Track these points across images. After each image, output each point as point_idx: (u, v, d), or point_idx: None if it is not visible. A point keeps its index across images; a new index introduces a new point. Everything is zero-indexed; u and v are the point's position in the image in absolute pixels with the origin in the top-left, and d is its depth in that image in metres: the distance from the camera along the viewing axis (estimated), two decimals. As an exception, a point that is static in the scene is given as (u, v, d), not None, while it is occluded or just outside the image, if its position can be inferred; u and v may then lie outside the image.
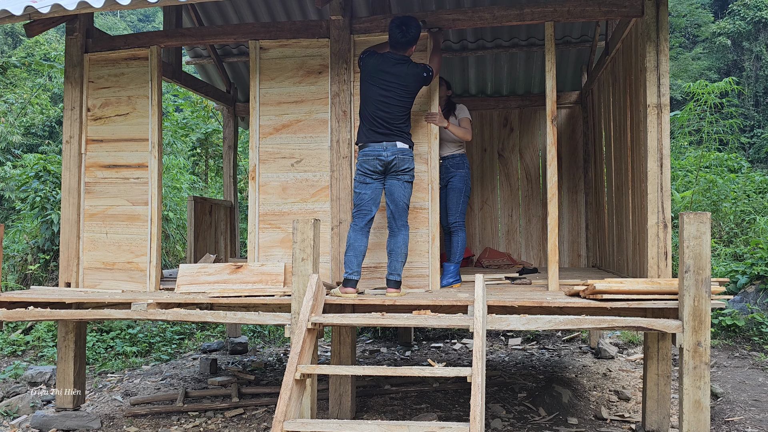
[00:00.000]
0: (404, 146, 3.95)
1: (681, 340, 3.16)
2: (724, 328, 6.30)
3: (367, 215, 3.96)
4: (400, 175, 3.96)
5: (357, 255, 3.91)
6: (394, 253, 3.95)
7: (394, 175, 3.96)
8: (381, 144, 3.92)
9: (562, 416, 4.50)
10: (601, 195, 6.01)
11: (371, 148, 3.93)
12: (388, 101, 3.93)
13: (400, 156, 3.92)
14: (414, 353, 6.87)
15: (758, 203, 9.02)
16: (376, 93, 3.94)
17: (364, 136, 3.99)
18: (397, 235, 3.98)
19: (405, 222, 4.00)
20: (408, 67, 3.97)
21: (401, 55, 4.01)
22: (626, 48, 4.59)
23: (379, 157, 3.90)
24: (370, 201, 3.96)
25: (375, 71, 3.95)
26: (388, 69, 3.94)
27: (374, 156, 3.91)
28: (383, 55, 4.00)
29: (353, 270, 3.89)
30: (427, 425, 2.81)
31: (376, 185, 3.97)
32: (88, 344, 6.44)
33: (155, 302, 3.88)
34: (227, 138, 7.18)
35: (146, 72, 4.63)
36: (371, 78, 3.96)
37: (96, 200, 4.69)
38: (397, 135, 3.95)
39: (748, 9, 18.88)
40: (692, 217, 3.15)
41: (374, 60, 3.98)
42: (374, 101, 3.94)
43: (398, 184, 3.97)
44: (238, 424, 4.53)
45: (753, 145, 16.89)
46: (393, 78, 3.93)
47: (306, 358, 3.26)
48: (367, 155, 3.94)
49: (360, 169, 3.98)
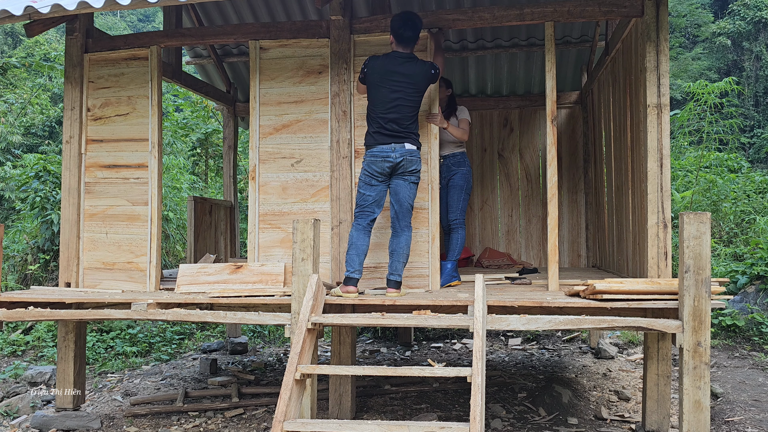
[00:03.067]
0: (412, 147, 3.93)
1: (681, 340, 3.16)
2: (724, 328, 6.30)
3: (370, 216, 3.95)
4: (407, 176, 3.94)
5: (359, 254, 3.89)
6: (396, 253, 3.94)
7: (400, 176, 3.94)
8: (390, 146, 3.89)
9: (562, 416, 4.50)
10: (601, 195, 6.01)
11: (379, 149, 3.90)
12: (398, 102, 3.89)
13: (408, 158, 3.90)
14: (414, 353, 6.86)
15: (758, 203, 9.02)
16: (385, 95, 3.89)
17: (372, 138, 3.95)
18: (400, 235, 3.97)
19: (408, 223, 4.00)
20: (416, 64, 3.94)
21: (408, 53, 3.97)
22: (626, 48, 4.59)
23: (387, 159, 3.88)
24: (374, 203, 3.94)
25: (383, 72, 3.90)
26: (396, 68, 3.90)
27: (382, 158, 3.88)
28: (389, 56, 3.96)
29: (355, 269, 3.87)
30: (427, 425, 2.81)
31: (382, 187, 3.96)
32: (88, 344, 6.44)
33: (155, 302, 3.88)
34: (227, 138, 7.19)
35: (146, 72, 4.63)
36: (380, 80, 3.90)
37: (96, 200, 4.70)
38: (406, 136, 3.93)
39: (748, 9, 18.88)
40: (692, 217, 3.15)
41: (380, 62, 3.93)
42: (383, 103, 3.90)
43: (404, 185, 3.95)
44: (238, 424, 4.53)
45: (753, 145, 16.89)
46: (402, 78, 3.89)
47: (306, 358, 3.26)
48: (375, 156, 3.91)
49: (367, 169, 3.94)
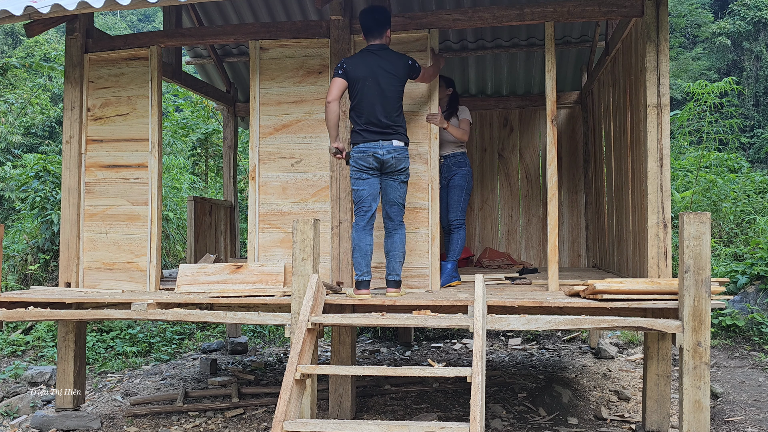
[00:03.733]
0: (400, 144, 3.91)
1: (681, 340, 3.16)
2: (724, 328, 6.30)
3: (368, 212, 3.92)
4: (396, 175, 3.92)
5: (364, 255, 3.88)
6: (392, 253, 3.94)
7: (390, 176, 3.93)
8: (377, 143, 3.86)
9: (562, 416, 4.50)
10: (601, 195, 6.01)
11: (366, 145, 3.88)
12: (380, 93, 3.86)
13: (396, 155, 3.88)
14: (414, 353, 6.86)
15: (758, 203, 9.02)
16: (367, 89, 3.86)
17: (359, 136, 3.91)
18: (393, 235, 3.97)
19: (401, 221, 3.99)
20: (390, 53, 3.94)
21: (379, 44, 3.96)
22: (626, 48, 4.59)
23: (375, 154, 3.85)
24: (369, 197, 3.91)
25: (360, 67, 3.87)
26: (370, 61, 3.88)
27: (370, 153, 3.86)
28: (362, 51, 3.96)
29: (363, 271, 3.86)
30: (427, 425, 2.81)
31: (374, 180, 3.92)
32: (88, 344, 6.44)
33: (155, 302, 3.88)
34: (227, 138, 7.18)
35: (146, 72, 4.63)
36: (359, 76, 3.86)
37: (96, 200, 4.70)
38: (394, 132, 3.90)
39: (748, 9, 18.88)
40: (692, 217, 3.15)
41: (357, 58, 3.92)
42: (367, 98, 3.87)
43: (394, 185, 3.94)
44: (238, 424, 4.53)
45: (753, 145, 16.89)
46: (378, 68, 3.86)
47: (306, 358, 3.26)
48: (362, 151, 3.88)
49: (355, 165, 3.92)
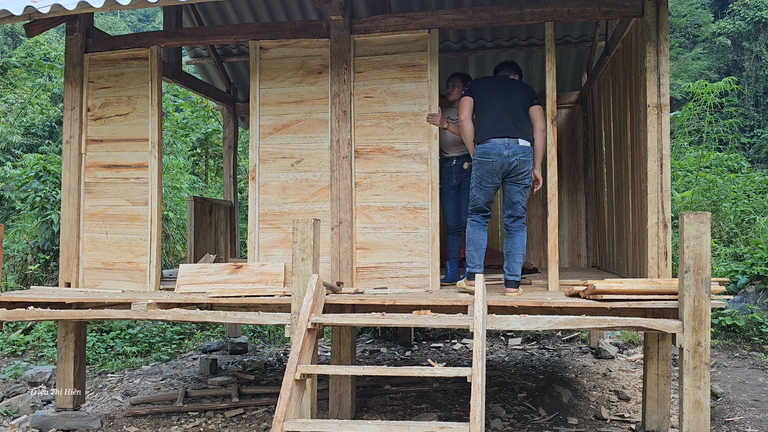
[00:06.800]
0: (526, 144, 3.98)
1: (681, 340, 3.16)
2: (724, 328, 6.30)
3: (481, 212, 4.07)
4: (520, 179, 3.97)
5: (477, 249, 4.02)
6: (512, 254, 3.97)
7: (513, 180, 3.97)
8: (503, 140, 3.92)
9: (562, 416, 4.50)
10: (601, 195, 6.01)
11: (492, 144, 3.93)
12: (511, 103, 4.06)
13: (521, 158, 3.92)
14: (414, 353, 6.86)
15: (758, 203, 9.02)
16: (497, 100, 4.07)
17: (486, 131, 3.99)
18: (514, 236, 4.01)
19: (522, 224, 4.04)
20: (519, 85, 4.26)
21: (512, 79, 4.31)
22: (626, 48, 4.59)
23: (501, 154, 3.90)
24: (486, 203, 4.06)
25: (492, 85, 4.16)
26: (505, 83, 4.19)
27: (496, 153, 3.91)
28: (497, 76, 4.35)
29: (476, 263, 4.00)
30: (427, 425, 2.81)
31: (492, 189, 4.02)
32: (88, 344, 6.44)
33: (155, 302, 3.88)
34: (227, 138, 7.18)
35: (146, 72, 4.63)
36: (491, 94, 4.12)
37: (96, 200, 4.70)
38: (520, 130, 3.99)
39: (748, 9, 18.87)
40: (692, 217, 3.15)
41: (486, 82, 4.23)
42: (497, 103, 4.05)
43: (518, 189, 3.99)
44: (238, 424, 4.53)
45: (753, 145, 16.89)
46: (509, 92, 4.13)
47: (306, 358, 3.26)
48: (487, 153, 3.94)
49: (478, 170, 3.99)
